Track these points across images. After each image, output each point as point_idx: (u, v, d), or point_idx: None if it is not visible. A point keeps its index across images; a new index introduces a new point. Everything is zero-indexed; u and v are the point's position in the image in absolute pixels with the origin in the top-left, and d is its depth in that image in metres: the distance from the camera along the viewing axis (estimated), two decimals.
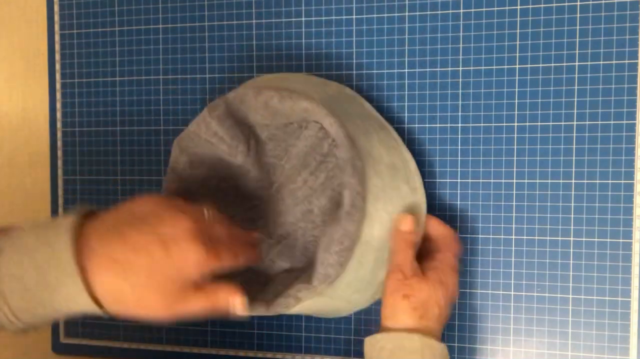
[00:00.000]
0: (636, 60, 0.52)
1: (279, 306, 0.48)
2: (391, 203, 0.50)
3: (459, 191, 0.56)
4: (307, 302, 0.48)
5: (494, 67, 0.54)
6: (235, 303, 0.44)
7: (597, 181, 0.53)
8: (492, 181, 0.55)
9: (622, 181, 0.52)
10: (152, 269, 0.39)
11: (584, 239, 0.53)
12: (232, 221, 0.49)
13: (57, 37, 0.65)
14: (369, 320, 0.58)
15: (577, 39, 0.53)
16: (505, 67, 0.54)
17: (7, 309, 0.39)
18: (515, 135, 0.54)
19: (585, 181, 0.53)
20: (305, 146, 0.52)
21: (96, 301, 0.40)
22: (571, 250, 0.54)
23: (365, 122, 0.52)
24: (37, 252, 0.39)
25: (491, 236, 0.55)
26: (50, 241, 0.39)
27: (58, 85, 0.65)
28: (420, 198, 0.53)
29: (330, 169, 0.51)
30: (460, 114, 0.55)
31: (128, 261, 0.39)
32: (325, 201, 0.52)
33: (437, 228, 0.53)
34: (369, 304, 0.55)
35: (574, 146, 0.53)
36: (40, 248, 0.39)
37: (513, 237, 0.55)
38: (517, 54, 0.54)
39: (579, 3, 0.53)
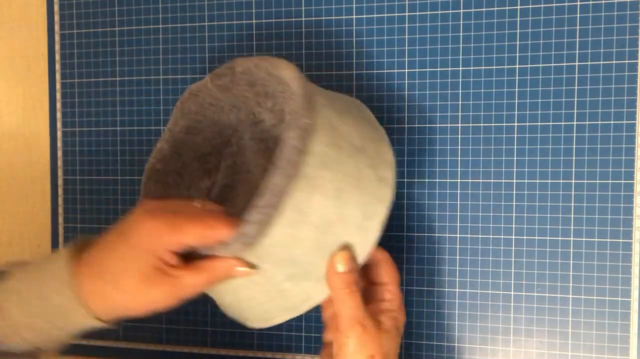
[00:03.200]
0: (636, 60, 0.52)
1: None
2: (345, 181, 0.44)
3: (459, 191, 0.56)
4: (236, 282, 0.44)
5: (494, 67, 0.54)
6: (238, 269, 0.43)
7: (597, 181, 0.53)
8: (492, 181, 0.55)
9: (622, 181, 0.52)
10: (122, 261, 0.40)
11: (584, 239, 0.53)
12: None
13: (57, 38, 0.65)
14: None
15: (577, 39, 0.53)
16: (505, 67, 0.54)
17: (9, 322, 0.42)
18: (515, 135, 0.54)
19: (585, 181, 0.53)
20: None
21: (89, 309, 0.42)
22: (571, 250, 0.54)
23: (351, 112, 0.49)
24: (37, 270, 0.43)
25: (491, 236, 0.55)
26: (50, 259, 0.43)
27: (58, 86, 0.65)
28: (384, 192, 0.46)
29: None
30: (460, 114, 0.55)
31: (100, 264, 0.41)
32: None
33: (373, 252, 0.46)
34: (304, 310, 0.47)
35: (574, 146, 0.53)
36: (41, 266, 0.43)
37: (513, 237, 0.55)
38: (517, 54, 0.54)
39: (579, 3, 0.53)
